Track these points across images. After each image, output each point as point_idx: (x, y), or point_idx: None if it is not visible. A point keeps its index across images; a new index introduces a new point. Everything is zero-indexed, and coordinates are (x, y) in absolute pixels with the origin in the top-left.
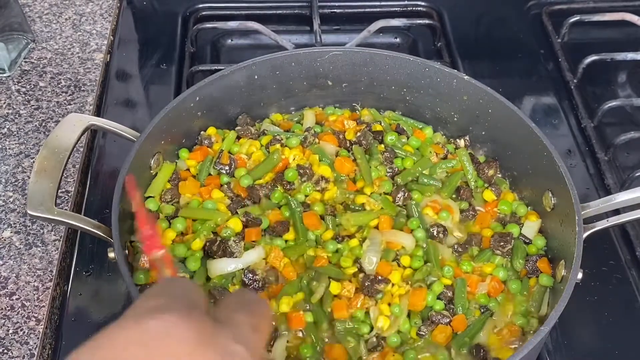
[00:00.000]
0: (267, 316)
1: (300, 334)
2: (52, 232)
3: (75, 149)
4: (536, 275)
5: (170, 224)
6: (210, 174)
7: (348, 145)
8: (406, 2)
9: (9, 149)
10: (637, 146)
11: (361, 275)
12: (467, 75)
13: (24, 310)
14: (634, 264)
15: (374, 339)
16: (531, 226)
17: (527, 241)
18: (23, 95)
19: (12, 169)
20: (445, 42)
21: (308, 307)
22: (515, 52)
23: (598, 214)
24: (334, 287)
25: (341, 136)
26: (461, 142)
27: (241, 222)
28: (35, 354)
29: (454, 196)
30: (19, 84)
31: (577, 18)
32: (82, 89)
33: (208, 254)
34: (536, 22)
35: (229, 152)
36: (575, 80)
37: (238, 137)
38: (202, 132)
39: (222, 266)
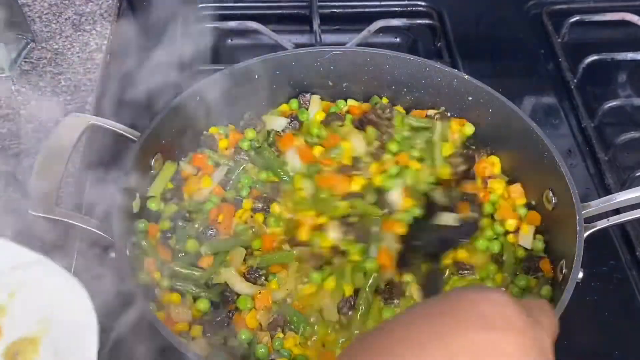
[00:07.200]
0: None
1: None
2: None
3: (75, 148)
4: (536, 276)
5: None
6: None
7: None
8: (406, 2)
9: (9, 149)
10: (637, 146)
11: None
12: (467, 75)
13: None
14: (634, 264)
15: None
16: (526, 236)
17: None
18: (23, 95)
19: (12, 169)
20: (445, 42)
21: None
22: (515, 52)
23: (598, 213)
24: None
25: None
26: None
27: None
28: None
29: None
30: (19, 84)
31: (577, 18)
32: (82, 89)
33: None
34: (536, 22)
35: None
36: (575, 80)
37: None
38: (204, 132)
39: None
